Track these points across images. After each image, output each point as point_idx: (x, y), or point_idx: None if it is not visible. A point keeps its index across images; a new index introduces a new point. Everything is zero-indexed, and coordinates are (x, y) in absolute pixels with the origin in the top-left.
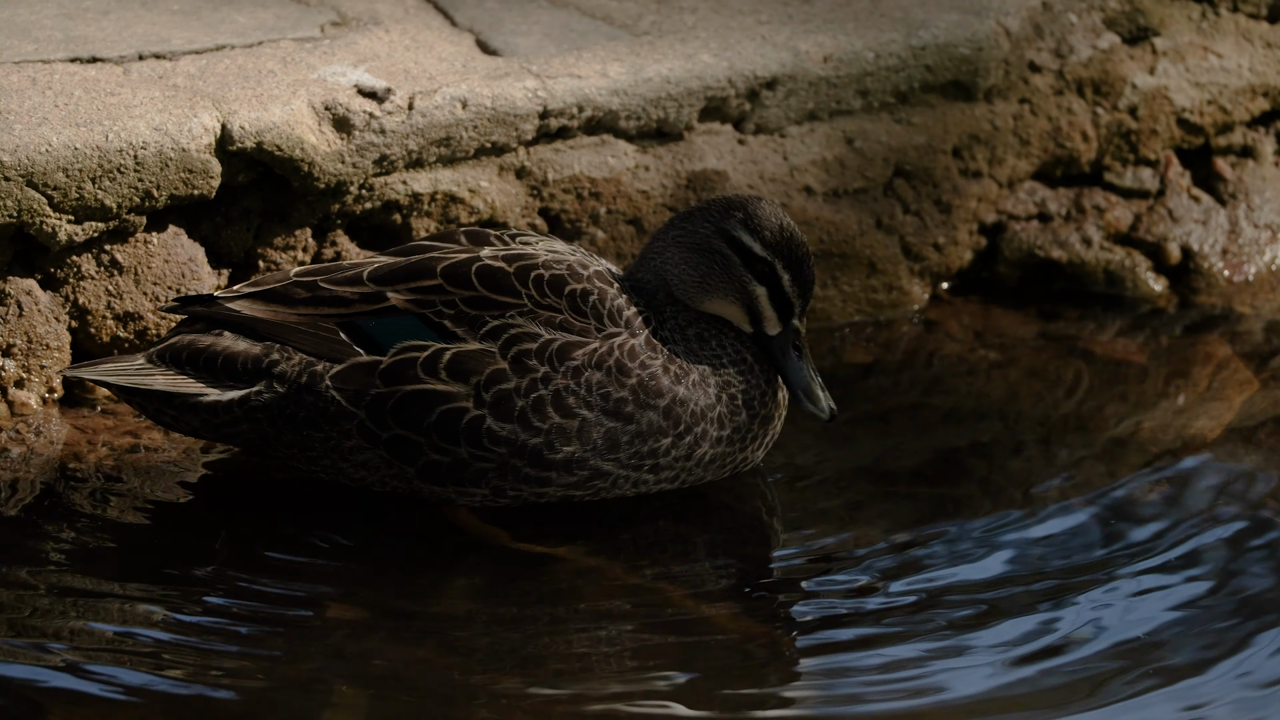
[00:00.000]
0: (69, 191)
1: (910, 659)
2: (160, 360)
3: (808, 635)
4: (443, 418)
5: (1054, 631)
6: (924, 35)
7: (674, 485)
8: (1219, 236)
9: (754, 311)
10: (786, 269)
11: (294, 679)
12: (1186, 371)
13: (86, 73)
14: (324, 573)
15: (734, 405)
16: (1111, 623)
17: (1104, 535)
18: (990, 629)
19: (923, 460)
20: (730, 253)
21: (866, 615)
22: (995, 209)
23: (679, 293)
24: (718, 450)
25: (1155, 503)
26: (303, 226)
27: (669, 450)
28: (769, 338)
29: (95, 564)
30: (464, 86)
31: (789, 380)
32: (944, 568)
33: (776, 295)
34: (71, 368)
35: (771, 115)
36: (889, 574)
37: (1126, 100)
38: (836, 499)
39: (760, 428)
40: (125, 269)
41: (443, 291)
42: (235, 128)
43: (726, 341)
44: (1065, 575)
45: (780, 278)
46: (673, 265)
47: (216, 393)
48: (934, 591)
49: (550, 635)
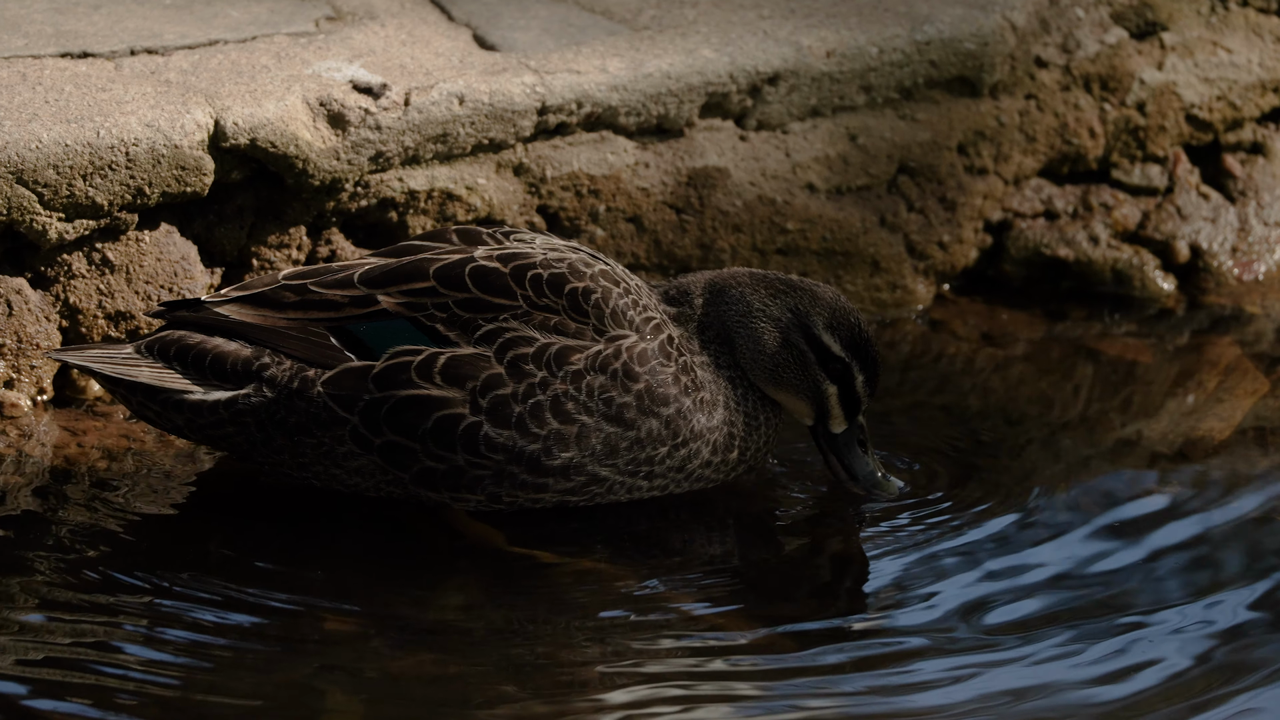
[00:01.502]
0: (59, 189)
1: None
2: (149, 352)
3: (808, 639)
4: (439, 424)
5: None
6: (928, 30)
7: (663, 493)
8: (1228, 235)
9: (822, 409)
10: (861, 370)
11: (287, 687)
12: (1195, 372)
13: (77, 68)
14: (317, 578)
15: (729, 442)
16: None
17: (1110, 537)
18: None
19: (926, 462)
20: (807, 349)
21: (869, 618)
22: (1001, 207)
23: (745, 366)
24: (705, 472)
25: (1164, 505)
26: (297, 225)
27: (664, 459)
28: (834, 434)
29: (85, 570)
30: (461, 82)
31: (854, 473)
32: (949, 572)
33: (847, 395)
34: (59, 350)
35: (774, 111)
36: (892, 578)
37: (1134, 96)
38: (838, 501)
39: (744, 472)
40: (117, 267)
41: (435, 294)
42: (228, 124)
43: (752, 395)
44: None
45: (855, 379)
46: (745, 339)
47: (202, 392)
48: (938, 594)
49: (548, 642)
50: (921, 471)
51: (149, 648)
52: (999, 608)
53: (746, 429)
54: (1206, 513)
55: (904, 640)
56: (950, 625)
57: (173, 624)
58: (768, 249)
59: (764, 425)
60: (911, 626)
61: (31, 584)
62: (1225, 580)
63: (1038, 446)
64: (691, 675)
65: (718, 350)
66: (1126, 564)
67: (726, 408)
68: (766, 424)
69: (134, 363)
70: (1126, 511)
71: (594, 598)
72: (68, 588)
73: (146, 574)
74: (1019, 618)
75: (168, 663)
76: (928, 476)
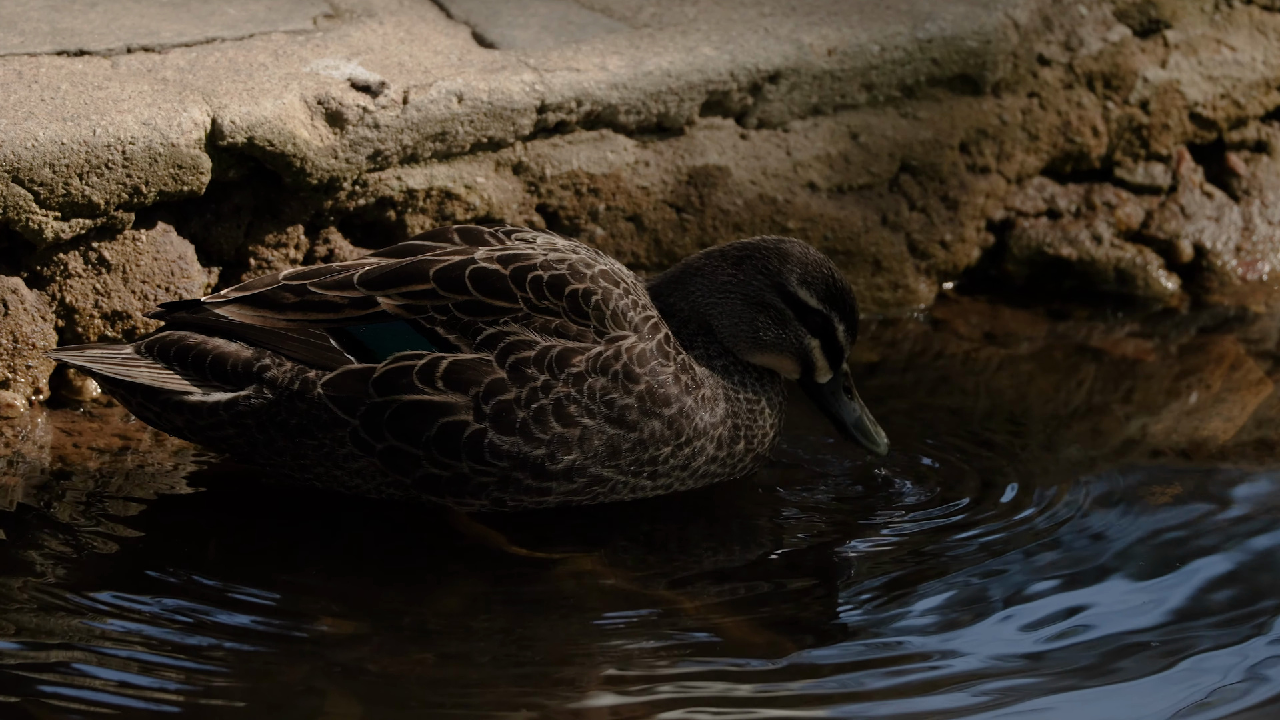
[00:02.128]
0: (56, 188)
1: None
2: (149, 353)
3: (810, 641)
4: (443, 431)
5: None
6: (930, 28)
7: (667, 492)
8: (1232, 234)
9: (807, 362)
10: (841, 320)
11: (284, 688)
12: (1199, 372)
13: (73, 66)
14: (315, 579)
15: (734, 434)
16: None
17: (1114, 539)
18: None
19: (928, 463)
20: (785, 307)
21: (871, 620)
22: (1003, 205)
23: (728, 342)
24: (711, 468)
25: (1166, 506)
26: (295, 224)
27: (668, 459)
28: (819, 385)
29: (82, 572)
30: (460, 80)
31: (842, 421)
32: (951, 573)
33: (829, 345)
34: (58, 350)
35: (774, 109)
36: (894, 579)
37: (1138, 94)
38: (841, 502)
39: (754, 464)
40: (113, 267)
41: (435, 296)
42: (226, 122)
43: (749, 380)
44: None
45: (835, 329)
46: (721, 315)
47: (202, 393)
48: (940, 596)
49: (547, 642)
50: (923, 472)
51: (146, 649)
52: (1003, 609)
53: (750, 419)
54: (1211, 515)
55: (907, 640)
56: (954, 626)
57: (170, 625)
58: None
59: (768, 412)
60: (914, 628)
61: (28, 585)
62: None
63: (1040, 447)
64: (691, 676)
65: (705, 342)
66: (1129, 566)
67: (728, 400)
68: (771, 410)
69: (134, 363)
70: (1129, 513)
71: (594, 598)
72: (64, 589)
73: (144, 575)
74: (1024, 619)
75: (164, 664)
76: (930, 477)
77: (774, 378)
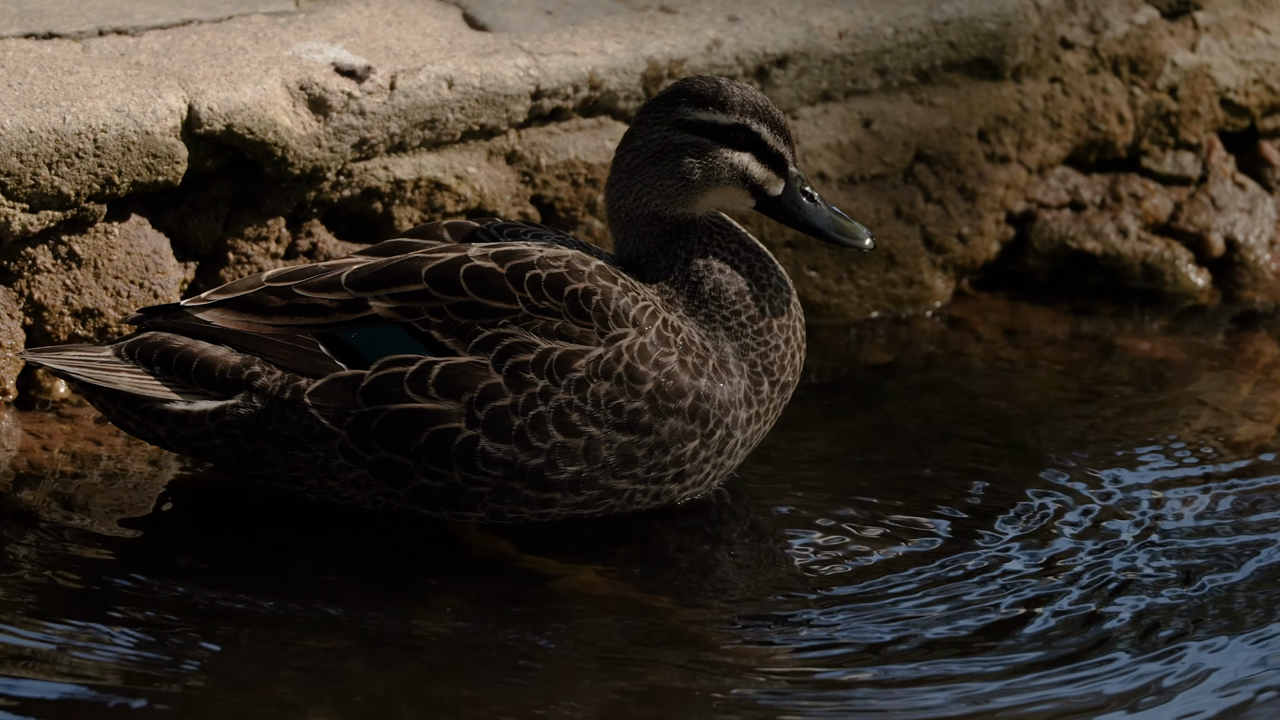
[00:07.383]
0: (23, 178)
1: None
2: (129, 355)
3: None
4: (432, 439)
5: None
6: (947, 9)
7: (709, 490)
8: (1265, 226)
9: (749, 182)
10: (760, 122)
11: (266, 703)
12: (1230, 372)
13: (42, 49)
14: (298, 591)
15: (755, 373)
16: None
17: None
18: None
19: (946, 469)
20: (698, 137)
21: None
22: (1024, 197)
23: (668, 211)
24: (751, 429)
25: (1197, 513)
26: (276, 216)
27: (696, 453)
28: (776, 199)
29: (53, 583)
30: (450, 64)
31: (815, 226)
32: (966, 583)
33: (763, 153)
34: (31, 351)
35: (782, 95)
36: (907, 590)
37: (1166, 79)
38: (853, 511)
39: (782, 403)
40: (84, 261)
41: (429, 297)
42: (203, 109)
43: (745, 297)
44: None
45: (759, 133)
46: (649, 192)
47: (187, 402)
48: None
49: (540, 657)
50: (941, 474)
51: (123, 663)
52: (1018, 611)
53: (762, 351)
54: (1243, 517)
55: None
56: (962, 627)
57: (146, 639)
58: (776, 240)
59: (775, 328)
60: (921, 628)
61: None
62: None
63: (1063, 451)
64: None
65: (679, 279)
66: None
67: (734, 337)
68: (780, 326)
69: (113, 367)
70: (1156, 517)
71: (589, 609)
72: (34, 601)
73: (119, 586)
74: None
75: (142, 677)
76: (946, 479)
77: (766, 276)
